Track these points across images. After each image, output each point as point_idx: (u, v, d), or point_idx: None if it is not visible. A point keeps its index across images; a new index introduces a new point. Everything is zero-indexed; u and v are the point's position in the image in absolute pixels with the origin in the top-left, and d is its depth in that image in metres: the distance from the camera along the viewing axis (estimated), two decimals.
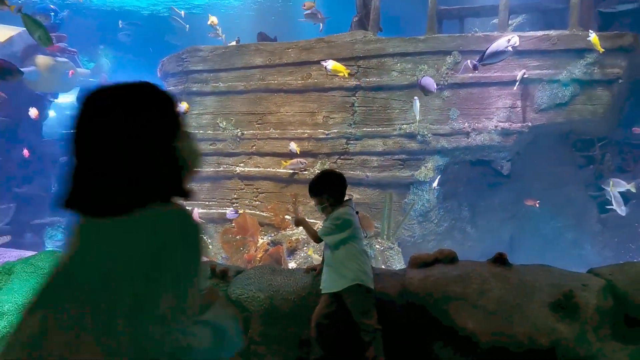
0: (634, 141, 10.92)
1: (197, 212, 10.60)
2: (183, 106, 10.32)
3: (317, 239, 4.26)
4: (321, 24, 11.98)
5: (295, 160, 10.34)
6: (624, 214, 9.40)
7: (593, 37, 8.97)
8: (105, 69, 21.44)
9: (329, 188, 4.19)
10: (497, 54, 8.41)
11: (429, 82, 8.77)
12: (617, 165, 10.89)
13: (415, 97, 9.53)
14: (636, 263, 4.36)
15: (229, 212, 11.11)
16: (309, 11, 12.10)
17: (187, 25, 18.06)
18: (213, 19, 14.26)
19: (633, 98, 10.46)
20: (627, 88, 9.88)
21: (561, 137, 10.71)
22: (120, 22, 20.40)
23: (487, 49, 8.47)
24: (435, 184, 9.84)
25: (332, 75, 10.67)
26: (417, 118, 9.72)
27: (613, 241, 10.51)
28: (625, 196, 10.66)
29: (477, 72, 9.11)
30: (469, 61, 8.92)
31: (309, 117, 10.84)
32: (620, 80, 9.36)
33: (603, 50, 8.93)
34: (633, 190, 9.94)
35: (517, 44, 8.30)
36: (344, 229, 4.06)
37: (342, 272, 4.03)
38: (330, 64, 9.52)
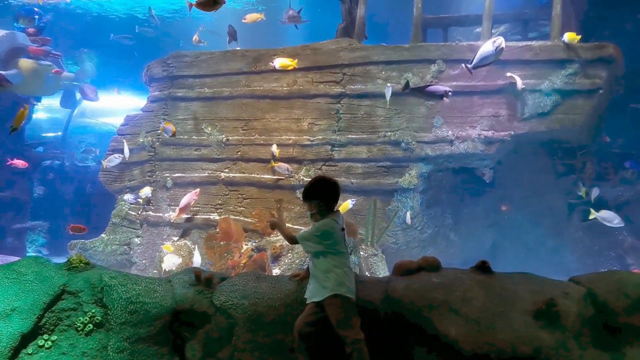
0: (615, 150, 11.13)
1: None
2: (169, 127, 10.26)
3: (293, 241, 4.31)
4: (288, 21, 11.76)
5: (283, 165, 10.34)
6: (622, 224, 9.42)
7: (568, 34, 9.19)
8: (89, 73, 21.25)
9: (319, 195, 4.21)
10: (486, 57, 8.47)
11: (437, 87, 8.79)
12: (598, 173, 11.08)
13: (388, 85, 9.76)
14: (615, 271, 4.43)
15: (129, 196, 11.19)
16: (290, 12, 11.92)
17: (159, 21, 18.09)
18: (195, 37, 14.35)
19: (613, 108, 10.64)
20: (607, 98, 10.05)
21: (542, 145, 10.86)
22: (136, 27, 20.19)
23: (475, 54, 8.55)
24: (407, 219, 9.93)
25: (317, 82, 10.72)
26: (388, 104, 9.92)
27: (593, 249, 10.67)
28: (605, 205, 10.87)
29: (470, 76, 9.18)
30: (463, 65, 9.00)
31: (294, 123, 10.86)
32: (600, 91, 9.53)
33: (580, 37, 9.18)
34: (584, 196, 10.16)
35: (503, 45, 8.38)
36: (323, 241, 4.10)
37: (322, 282, 4.07)
38: (278, 62, 9.89)
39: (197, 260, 9.75)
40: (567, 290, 4.04)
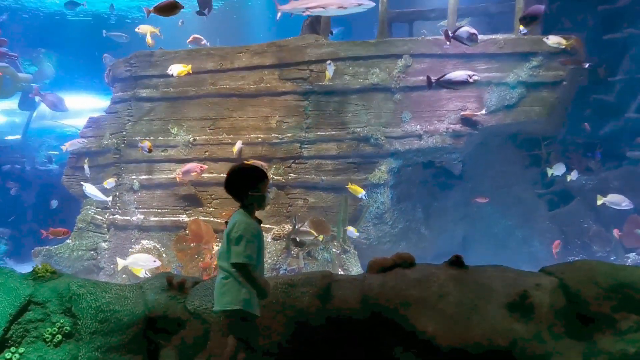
0: (578, 140, 11.36)
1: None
2: (145, 145, 10.24)
3: None
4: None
5: (259, 163, 10.21)
6: (632, 206, 9.49)
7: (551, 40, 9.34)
8: (48, 74, 20.63)
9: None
10: (461, 36, 8.68)
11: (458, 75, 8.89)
12: (563, 163, 11.27)
13: (329, 62, 9.83)
14: (586, 261, 4.50)
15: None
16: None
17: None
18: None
19: (577, 99, 10.83)
20: (571, 89, 10.23)
21: (509, 137, 11.01)
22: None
23: (455, 31, 8.81)
24: (353, 234, 9.79)
25: (284, 80, 10.63)
26: (327, 79, 10.05)
27: (560, 237, 10.85)
28: (570, 194, 11.10)
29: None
30: (445, 28, 9.08)
31: (263, 121, 10.75)
32: (564, 83, 9.71)
33: (565, 44, 9.30)
34: (573, 178, 10.35)
35: (476, 33, 8.60)
36: None
37: None
38: (175, 69, 10.02)
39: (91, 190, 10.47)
40: (539, 282, 4.07)
